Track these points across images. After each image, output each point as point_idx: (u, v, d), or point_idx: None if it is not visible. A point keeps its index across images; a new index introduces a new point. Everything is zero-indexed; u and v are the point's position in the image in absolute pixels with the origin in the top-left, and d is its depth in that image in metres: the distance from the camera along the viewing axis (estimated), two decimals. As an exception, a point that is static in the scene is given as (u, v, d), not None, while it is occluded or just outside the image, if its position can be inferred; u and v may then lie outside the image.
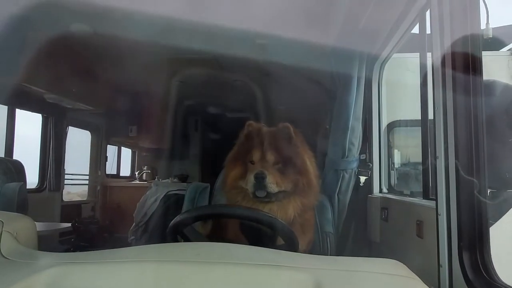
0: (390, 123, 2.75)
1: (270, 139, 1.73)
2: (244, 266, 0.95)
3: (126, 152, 6.93)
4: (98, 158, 5.72)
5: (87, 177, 5.63)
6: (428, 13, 1.68)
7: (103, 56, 3.58)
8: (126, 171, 6.91)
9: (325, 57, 2.47)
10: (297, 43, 2.36)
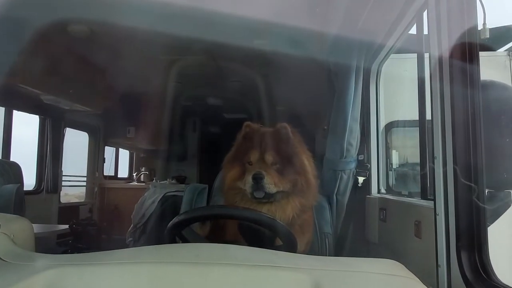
0: (388, 124, 2.75)
1: (267, 139, 1.73)
2: (243, 267, 0.95)
3: (124, 154, 6.92)
4: (96, 160, 5.70)
5: (85, 178, 5.61)
6: (425, 14, 1.68)
7: (100, 56, 3.57)
8: (124, 172, 6.89)
9: (323, 57, 2.47)
10: (295, 43, 2.36)
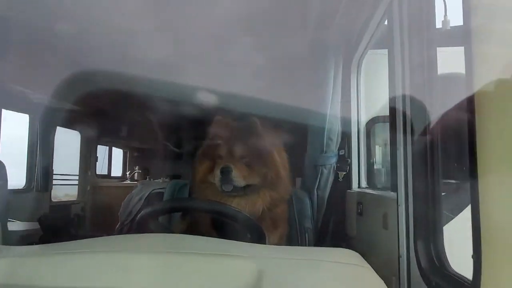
0: (372, 119, 2.77)
1: (237, 134, 1.76)
2: (193, 255, 0.97)
3: (117, 152, 6.93)
4: (88, 159, 5.71)
5: (76, 177, 5.62)
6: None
7: (92, 54, 3.58)
8: (117, 171, 6.90)
9: (301, 54, 2.49)
10: (271, 43, 2.38)
